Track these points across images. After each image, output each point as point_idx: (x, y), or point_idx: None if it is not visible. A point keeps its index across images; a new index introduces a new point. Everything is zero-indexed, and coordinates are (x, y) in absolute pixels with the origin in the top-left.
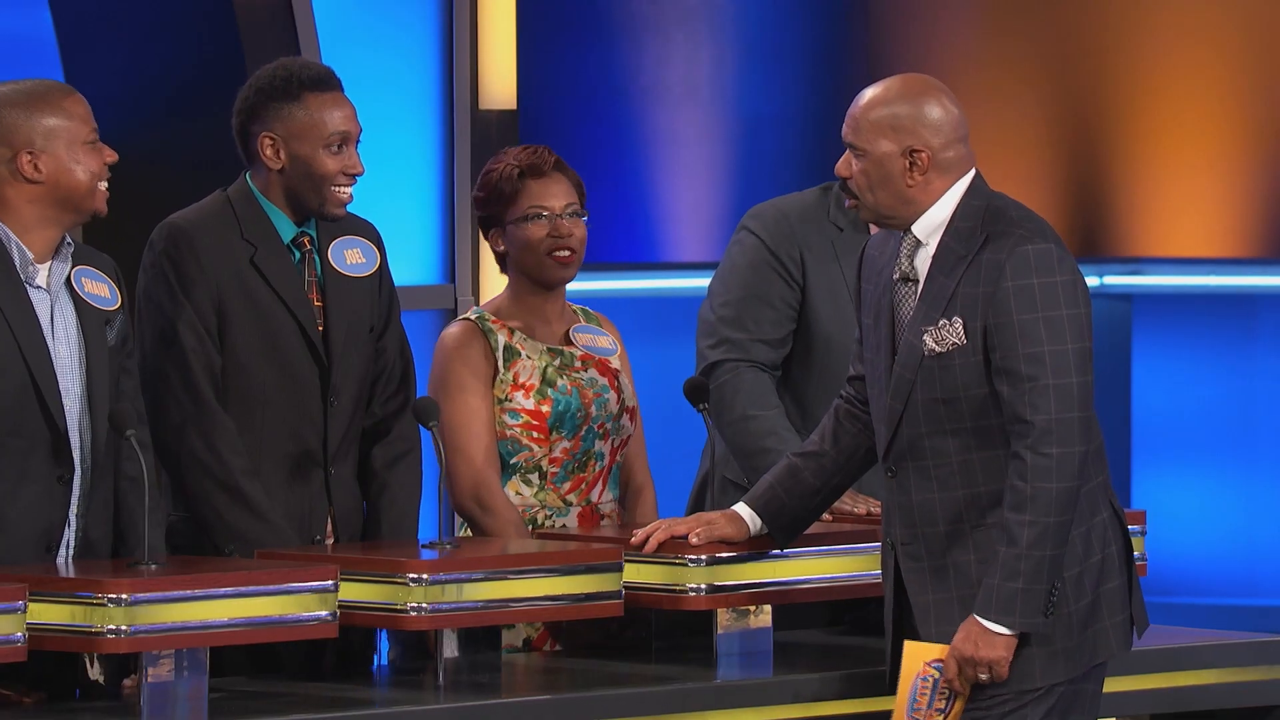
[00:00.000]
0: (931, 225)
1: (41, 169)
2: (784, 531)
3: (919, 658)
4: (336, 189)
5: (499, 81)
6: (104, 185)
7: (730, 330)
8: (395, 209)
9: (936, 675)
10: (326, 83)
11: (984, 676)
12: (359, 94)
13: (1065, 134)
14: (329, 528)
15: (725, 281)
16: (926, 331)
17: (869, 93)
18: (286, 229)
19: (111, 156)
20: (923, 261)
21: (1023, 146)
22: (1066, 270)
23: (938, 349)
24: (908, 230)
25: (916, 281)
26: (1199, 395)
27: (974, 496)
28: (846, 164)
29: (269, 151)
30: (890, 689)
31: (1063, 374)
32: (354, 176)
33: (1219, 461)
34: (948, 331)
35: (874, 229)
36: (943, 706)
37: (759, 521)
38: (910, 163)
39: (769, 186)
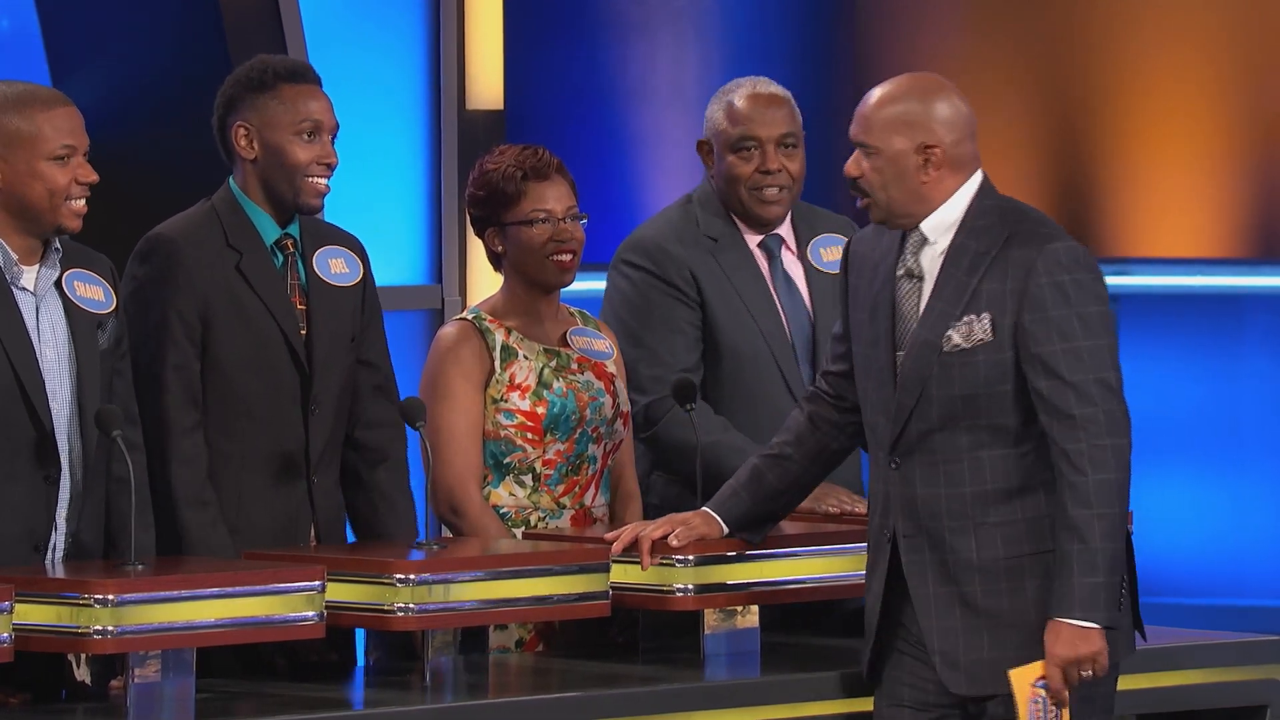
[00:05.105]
0: (942, 224)
1: (0, 176)
2: (749, 534)
3: (1025, 680)
4: (310, 179)
5: (486, 81)
6: (78, 203)
7: (649, 368)
8: (382, 209)
9: (1043, 693)
10: (302, 75)
11: (1087, 673)
12: (346, 94)
13: (1051, 135)
14: (312, 536)
15: (624, 322)
16: (952, 328)
17: (878, 91)
18: (270, 230)
19: (88, 176)
20: (929, 259)
21: (1008, 147)
22: (1093, 268)
23: (964, 345)
24: (914, 228)
25: (921, 279)
26: (1185, 396)
27: (981, 494)
28: (856, 163)
29: (242, 141)
30: (869, 684)
31: (1102, 368)
32: (329, 167)
33: (1205, 462)
34: (975, 327)
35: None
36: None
37: (727, 526)
38: (924, 159)
39: None
